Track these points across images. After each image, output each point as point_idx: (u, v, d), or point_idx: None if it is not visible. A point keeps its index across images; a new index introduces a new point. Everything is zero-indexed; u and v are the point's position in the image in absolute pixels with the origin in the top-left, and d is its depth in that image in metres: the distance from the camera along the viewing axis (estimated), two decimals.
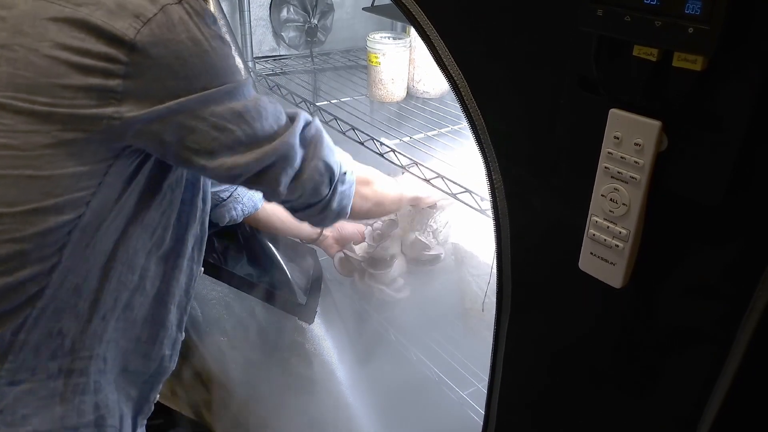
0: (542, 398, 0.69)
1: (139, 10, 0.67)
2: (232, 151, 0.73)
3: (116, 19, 0.66)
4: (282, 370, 1.23)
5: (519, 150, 0.60)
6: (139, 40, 0.66)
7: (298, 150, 0.78)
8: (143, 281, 0.83)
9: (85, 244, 0.73)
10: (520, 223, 0.63)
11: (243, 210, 1.13)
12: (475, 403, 1.16)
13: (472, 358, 1.25)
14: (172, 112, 0.69)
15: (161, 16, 0.67)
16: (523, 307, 0.66)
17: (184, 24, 0.68)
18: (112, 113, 0.67)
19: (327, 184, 0.82)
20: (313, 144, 0.80)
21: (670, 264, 0.49)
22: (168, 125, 0.70)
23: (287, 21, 1.62)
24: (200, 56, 0.69)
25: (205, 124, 0.71)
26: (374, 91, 1.34)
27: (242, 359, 1.25)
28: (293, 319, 1.21)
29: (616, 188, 0.49)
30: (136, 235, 0.78)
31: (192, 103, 0.69)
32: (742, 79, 0.40)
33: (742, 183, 0.42)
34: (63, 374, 0.78)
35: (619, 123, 0.47)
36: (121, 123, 0.68)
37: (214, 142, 0.72)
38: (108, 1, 0.67)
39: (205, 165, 0.74)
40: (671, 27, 0.41)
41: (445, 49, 0.61)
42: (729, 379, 0.47)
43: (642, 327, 0.54)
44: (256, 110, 0.74)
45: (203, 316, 1.28)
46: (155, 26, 0.66)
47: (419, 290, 1.43)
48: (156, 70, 0.67)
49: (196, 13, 0.69)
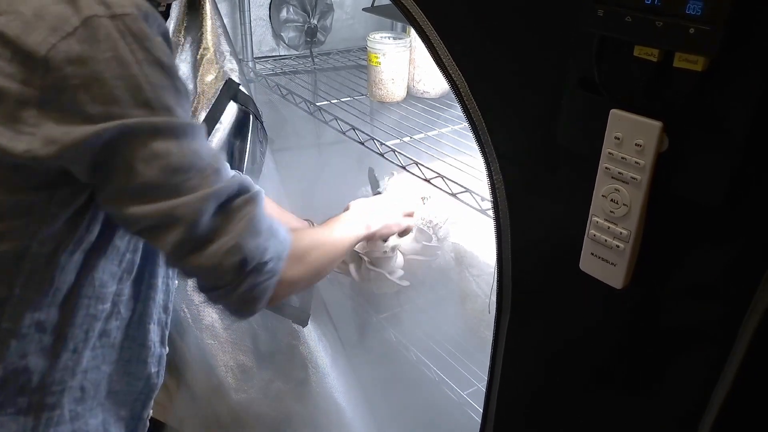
0: (542, 398, 0.69)
1: (58, 21, 0.58)
2: (133, 197, 0.64)
3: (30, 32, 0.58)
4: (276, 373, 1.23)
5: (519, 150, 0.60)
6: (53, 57, 0.57)
7: (208, 219, 0.66)
8: (117, 306, 0.78)
9: (40, 277, 0.68)
10: (521, 223, 0.63)
11: None
12: (475, 403, 1.16)
13: (472, 358, 1.25)
14: (86, 141, 0.60)
15: (83, 31, 0.58)
16: (524, 307, 0.66)
17: (110, 41, 0.59)
18: (23, 152, 0.60)
19: (235, 270, 0.68)
20: (233, 219, 0.68)
21: (671, 265, 0.49)
22: (79, 153, 0.61)
23: (287, 21, 1.62)
24: (125, 80, 0.59)
25: (116, 159, 0.62)
26: (374, 91, 1.34)
27: (234, 363, 1.24)
28: (287, 322, 1.20)
29: (617, 189, 0.49)
30: (102, 266, 0.73)
31: (109, 133, 0.60)
32: (743, 79, 0.40)
33: (743, 184, 0.42)
34: (33, 409, 0.74)
35: (620, 123, 0.47)
36: (34, 159, 0.60)
37: (118, 181, 0.63)
38: (27, 9, 0.58)
39: (102, 201, 0.66)
40: (672, 27, 0.41)
41: (444, 50, 0.61)
42: (729, 380, 0.47)
43: (642, 327, 0.54)
44: (181, 158, 0.63)
45: (192, 320, 1.27)
46: (75, 41, 0.58)
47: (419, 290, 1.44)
48: (71, 92, 0.58)
49: (131, 32, 0.60)
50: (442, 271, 1.27)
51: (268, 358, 1.22)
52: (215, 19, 1.23)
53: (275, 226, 0.73)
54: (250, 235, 0.68)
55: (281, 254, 0.73)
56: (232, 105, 1.22)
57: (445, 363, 1.26)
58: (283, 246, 0.74)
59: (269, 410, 1.24)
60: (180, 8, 1.22)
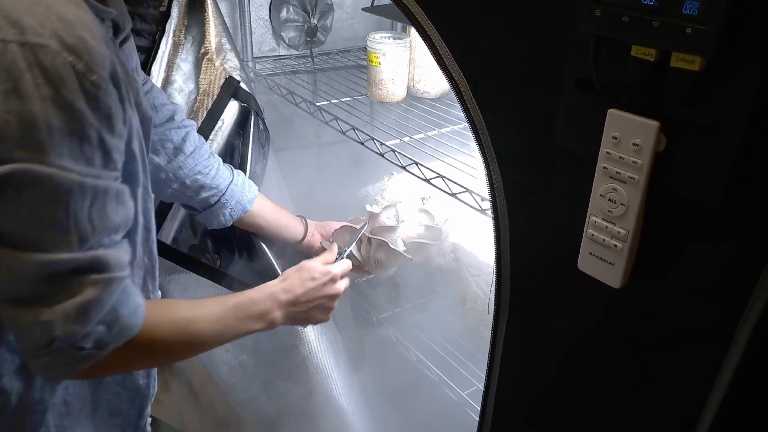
0: (540, 398, 0.69)
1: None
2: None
3: None
4: (277, 373, 1.23)
5: (519, 150, 0.60)
6: None
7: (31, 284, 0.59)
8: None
9: None
10: (520, 222, 0.63)
11: (231, 214, 1.07)
12: (475, 403, 1.16)
13: (472, 358, 1.25)
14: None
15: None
16: (522, 307, 0.67)
17: (14, 71, 0.52)
18: None
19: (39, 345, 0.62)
20: (62, 296, 0.60)
21: (669, 264, 0.49)
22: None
23: (287, 21, 1.62)
24: (19, 116, 0.53)
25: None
26: (374, 91, 1.34)
27: (236, 362, 1.24)
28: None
29: (615, 188, 0.49)
30: None
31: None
32: (740, 79, 0.40)
33: (741, 183, 0.42)
34: (18, 430, 0.73)
35: (617, 123, 0.47)
36: None
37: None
38: None
39: None
40: (669, 27, 0.41)
41: (445, 49, 0.61)
42: (728, 379, 0.47)
43: (640, 327, 0.54)
44: (46, 215, 0.57)
45: None
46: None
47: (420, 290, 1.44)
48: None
49: (40, 65, 0.52)
50: (442, 271, 1.27)
51: (269, 358, 1.22)
52: (216, 17, 1.23)
53: (123, 312, 0.66)
54: (72, 319, 0.61)
55: (109, 343, 0.66)
56: (234, 103, 1.22)
57: (445, 363, 1.26)
58: (120, 335, 0.67)
59: (269, 409, 1.25)
60: (180, 8, 1.22)
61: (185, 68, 1.25)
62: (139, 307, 0.69)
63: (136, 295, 0.69)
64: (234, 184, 1.06)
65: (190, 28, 1.24)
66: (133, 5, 1.16)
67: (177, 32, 1.23)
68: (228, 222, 1.08)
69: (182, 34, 1.24)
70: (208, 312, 0.80)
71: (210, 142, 1.21)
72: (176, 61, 1.24)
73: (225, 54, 1.24)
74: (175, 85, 1.24)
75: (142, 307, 0.69)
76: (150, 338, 0.71)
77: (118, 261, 0.65)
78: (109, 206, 0.62)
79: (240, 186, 1.07)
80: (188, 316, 0.77)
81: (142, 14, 1.18)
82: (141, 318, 0.69)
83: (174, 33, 1.23)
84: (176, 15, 1.22)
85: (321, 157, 1.72)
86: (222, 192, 1.05)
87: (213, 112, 1.21)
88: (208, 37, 1.23)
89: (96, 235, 0.61)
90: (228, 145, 1.23)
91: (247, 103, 1.23)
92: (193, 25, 1.24)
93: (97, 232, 0.61)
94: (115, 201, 0.63)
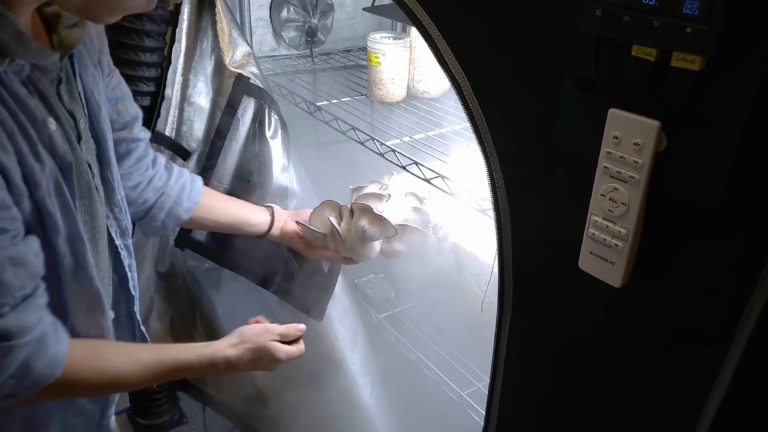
0: (543, 397, 0.69)
1: None
2: None
3: None
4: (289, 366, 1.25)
5: (520, 149, 0.60)
6: None
7: None
8: None
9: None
10: (521, 222, 0.63)
11: (164, 225, 1.01)
12: (476, 403, 1.17)
13: (472, 358, 1.25)
14: None
15: None
16: (524, 307, 0.67)
17: None
18: None
19: None
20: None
21: (669, 263, 0.49)
22: None
23: (287, 21, 1.62)
24: None
25: None
26: (374, 91, 1.34)
27: None
28: (303, 315, 1.21)
29: (616, 188, 0.49)
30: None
31: None
32: (740, 78, 0.40)
33: (740, 183, 0.42)
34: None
35: (618, 123, 0.47)
36: None
37: None
38: None
39: None
40: (669, 27, 0.41)
41: (447, 49, 0.61)
42: (728, 378, 0.47)
43: (641, 326, 0.54)
44: None
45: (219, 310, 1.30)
46: None
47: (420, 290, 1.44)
48: None
49: None
50: (442, 271, 1.27)
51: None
52: (226, 13, 1.23)
53: (36, 366, 0.67)
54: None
55: (19, 393, 0.69)
56: (248, 100, 1.22)
57: (445, 363, 1.26)
58: (33, 386, 0.69)
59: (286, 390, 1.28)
60: (190, 8, 1.22)
61: (201, 71, 1.25)
62: (56, 358, 0.70)
63: (55, 345, 0.70)
64: (166, 195, 1.01)
65: (201, 29, 1.24)
66: None
67: (189, 36, 1.24)
68: (167, 231, 1.04)
69: (195, 37, 1.24)
70: (138, 368, 0.80)
71: (229, 140, 1.22)
72: (192, 65, 1.24)
73: (237, 52, 1.23)
74: (197, 88, 1.25)
75: (60, 356, 0.70)
76: (70, 382, 0.73)
77: (20, 327, 0.65)
78: (6, 275, 0.62)
79: (175, 196, 1.02)
80: (118, 369, 0.78)
81: (150, 15, 1.18)
82: (59, 367, 0.70)
83: (186, 37, 1.23)
84: (187, 17, 1.23)
85: (321, 157, 1.72)
86: (154, 200, 1.00)
87: (228, 111, 1.22)
88: (220, 36, 1.23)
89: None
90: (248, 142, 1.24)
91: (260, 99, 1.23)
92: (204, 27, 1.24)
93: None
94: (10, 265, 0.63)
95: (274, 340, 0.93)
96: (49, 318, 0.70)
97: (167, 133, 1.26)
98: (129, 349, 0.83)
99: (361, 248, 1.06)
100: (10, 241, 0.63)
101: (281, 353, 0.93)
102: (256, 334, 0.92)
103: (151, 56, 1.22)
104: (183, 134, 1.26)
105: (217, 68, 1.24)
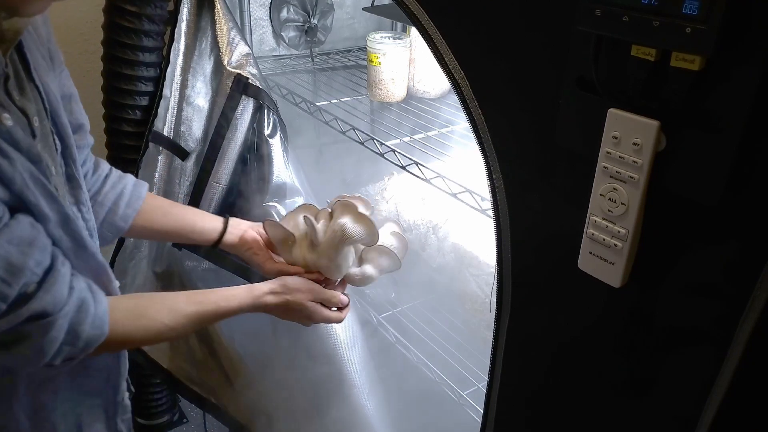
0: (541, 397, 0.69)
1: None
2: None
3: None
4: (289, 365, 1.25)
5: (519, 150, 0.60)
6: None
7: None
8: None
9: None
10: (521, 222, 0.63)
11: (103, 233, 0.95)
12: (475, 403, 1.16)
13: (472, 358, 1.25)
14: None
15: None
16: (523, 306, 0.67)
17: None
18: None
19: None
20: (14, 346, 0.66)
21: (669, 263, 0.49)
22: None
23: (287, 21, 1.62)
24: None
25: None
26: (374, 91, 1.34)
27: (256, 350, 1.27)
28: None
29: (615, 188, 0.49)
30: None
31: None
32: (739, 78, 0.40)
33: (740, 183, 0.42)
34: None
35: (617, 123, 0.47)
36: None
37: None
38: None
39: None
40: (669, 27, 0.41)
41: (447, 49, 0.61)
42: (728, 378, 0.47)
43: (641, 326, 0.54)
44: None
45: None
46: None
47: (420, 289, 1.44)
48: None
49: None
50: (442, 271, 1.27)
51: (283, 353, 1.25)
52: (225, 13, 1.23)
53: (83, 328, 0.70)
54: (32, 359, 0.68)
55: (78, 355, 0.72)
56: (246, 100, 1.22)
57: (445, 363, 1.26)
58: (87, 346, 0.72)
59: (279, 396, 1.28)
60: (189, 8, 1.22)
61: (200, 71, 1.25)
62: (100, 317, 0.72)
63: (96, 306, 0.72)
64: (98, 204, 0.94)
65: (201, 29, 1.24)
66: (140, 6, 1.16)
67: (188, 35, 1.23)
68: (106, 241, 0.97)
69: (194, 37, 1.24)
70: (181, 320, 0.83)
71: (228, 140, 1.22)
72: (191, 65, 1.24)
73: (234, 49, 1.23)
74: (195, 88, 1.25)
75: (103, 315, 0.73)
76: (120, 339, 0.77)
77: (54, 302, 0.66)
78: (13, 257, 0.62)
79: (110, 204, 0.95)
80: (162, 323, 0.81)
81: (149, 15, 1.17)
82: (105, 326, 0.73)
83: (185, 36, 1.23)
84: (186, 17, 1.22)
85: (321, 157, 1.72)
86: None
87: (226, 111, 1.22)
88: (219, 36, 1.23)
89: (15, 284, 0.63)
90: (246, 142, 1.24)
91: (259, 99, 1.23)
92: (204, 27, 1.24)
93: (14, 283, 0.62)
94: (12, 246, 0.63)
95: (315, 301, 0.93)
96: (82, 283, 0.72)
97: (165, 133, 1.26)
98: (170, 302, 0.85)
99: (335, 253, 0.93)
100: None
101: (318, 316, 0.93)
102: (299, 290, 0.92)
103: (150, 56, 1.22)
104: (181, 134, 1.26)
105: (216, 68, 1.24)
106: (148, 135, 1.26)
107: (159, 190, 1.30)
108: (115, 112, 1.26)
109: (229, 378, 1.38)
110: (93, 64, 1.27)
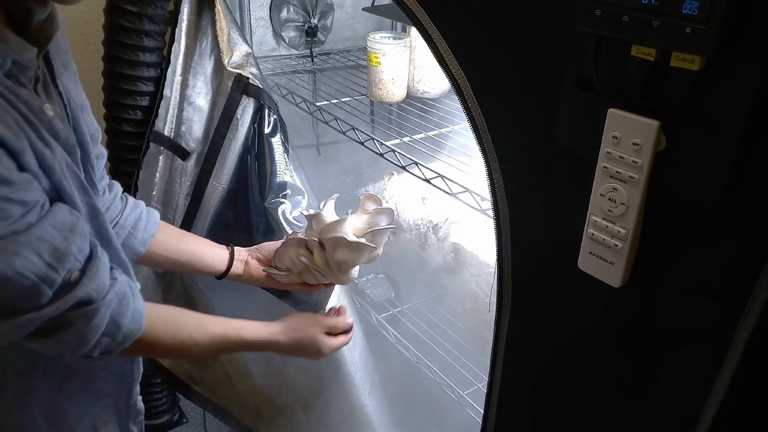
0: (542, 397, 0.69)
1: None
2: None
3: None
4: (289, 364, 1.25)
5: (519, 149, 0.60)
6: None
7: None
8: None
9: None
10: (520, 222, 0.63)
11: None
12: (475, 403, 1.16)
13: (472, 358, 1.25)
14: None
15: None
16: (523, 306, 0.67)
17: None
18: None
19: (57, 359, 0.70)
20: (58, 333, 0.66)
21: (669, 263, 0.49)
22: None
23: (287, 21, 1.62)
24: None
25: None
26: (374, 91, 1.34)
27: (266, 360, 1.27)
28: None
29: (615, 188, 0.49)
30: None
31: None
32: (739, 78, 0.40)
33: (740, 183, 0.42)
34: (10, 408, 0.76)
35: (617, 123, 0.47)
36: None
37: None
38: None
39: None
40: (669, 27, 0.41)
41: (447, 49, 0.61)
42: (728, 379, 0.47)
43: (641, 326, 0.54)
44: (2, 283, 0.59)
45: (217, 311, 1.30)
46: None
47: (419, 289, 1.44)
48: None
49: None
50: (442, 271, 1.27)
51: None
52: (225, 13, 1.23)
53: (123, 321, 0.72)
54: (74, 346, 0.68)
55: (115, 349, 0.73)
56: (247, 100, 1.22)
57: (445, 363, 1.26)
58: (125, 340, 0.73)
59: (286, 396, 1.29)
60: (190, 8, 1.22)
61: (201, 71, 1.25)
62: (139, 311, 0.74)
63: (136, 301, 0.74)
64: (120, 226, 0.94)
65: (201, 29, 1.24)
66: (141, 6, 1.16)
67: (189, 36, 1.23)
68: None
69: (194, 37, 1.24)
70: (206, 338, 0.86)
71: (228, 140, 1.22)
72: (191, 65, 1.24)
73: (235, 49, 1.23)
74: (196, 88, 1.25)
75: (142, 310, 0.75)
76: (150, 342, 0.78)
77: (98, 289, 0.67)
78: (58, 242, 0.63)
79: (130, 227, 0.95)
80: (190, 336, 0.84)
81: (150, 15, 1.17)
82: (142, 321, 0.75)
83: (186, 37, 1.23)
84: (186, 17, 1.22)
85: (321, 157, 1.73)
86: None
87: (227, 111, 1.22)
88: (219, 36, 1.23)
89: (60, 270, 0.63)
90: (247, 142, 1.24)
91: (260, 99, 1.23)
92: (204, 26, 1.24)
93: (60, 269, 0.63)
94: (56, 231, 0.63)
95: (323, 332, 0.98)
96: (123, 276, 0.73)
97: (166, 133, 1.26)
98: (199, 318, 0.88)
99: (344, 275, 1.02)
100: (40, 211, 0.63)
101: (326, 348, 0.98)
102: (308, 325, 0.97)
103: (150, 56, 1.22)
104: (182, 134, 1.26)
105: (216, 68, 1.24)
106: (149, 135, 1.26)
107: (160, 190, 1.30)
108: (116, 112, 1.26)
109: (230, 377, 1.38)
110: (93, 64, 1.27)
